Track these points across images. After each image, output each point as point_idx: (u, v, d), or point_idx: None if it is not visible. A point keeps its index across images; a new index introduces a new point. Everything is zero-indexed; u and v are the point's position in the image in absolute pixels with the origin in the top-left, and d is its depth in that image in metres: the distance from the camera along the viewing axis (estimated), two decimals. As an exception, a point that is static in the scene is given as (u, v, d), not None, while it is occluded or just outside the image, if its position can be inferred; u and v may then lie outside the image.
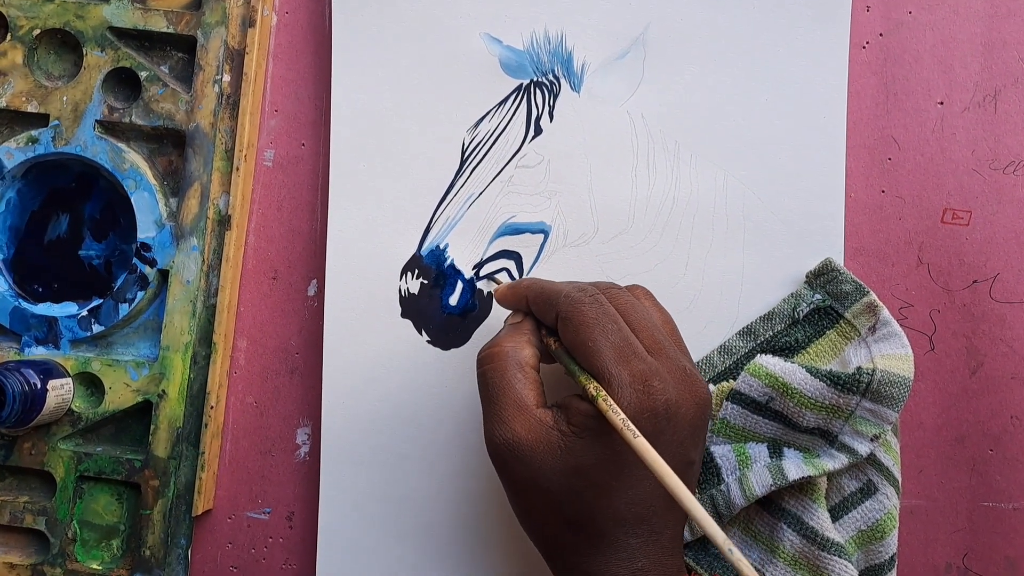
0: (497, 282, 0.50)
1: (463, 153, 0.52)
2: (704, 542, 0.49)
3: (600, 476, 0.39)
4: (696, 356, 0.50)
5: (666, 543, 0.40)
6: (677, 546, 0.41)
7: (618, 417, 0.37)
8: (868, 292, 0.48)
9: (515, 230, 0.51)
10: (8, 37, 0.52)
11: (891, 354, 0.47)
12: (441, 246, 0.51)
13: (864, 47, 0.51)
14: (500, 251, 0.51)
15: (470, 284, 0.51)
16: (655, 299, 0.44)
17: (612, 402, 0.38)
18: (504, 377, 0.41)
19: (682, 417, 0.39)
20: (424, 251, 0.51)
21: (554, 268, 0.51)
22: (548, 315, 0.42)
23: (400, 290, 0.51)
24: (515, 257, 0.51)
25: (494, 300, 0.51)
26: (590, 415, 0.39)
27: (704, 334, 0.50)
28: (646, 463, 0.36)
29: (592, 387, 0.39)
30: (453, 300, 0.51)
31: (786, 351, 0.49)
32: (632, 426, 0.37)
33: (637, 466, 0.39)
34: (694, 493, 0.40)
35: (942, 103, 0.51)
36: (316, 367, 0.52)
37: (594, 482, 0.39)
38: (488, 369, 0.42)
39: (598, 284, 0.43)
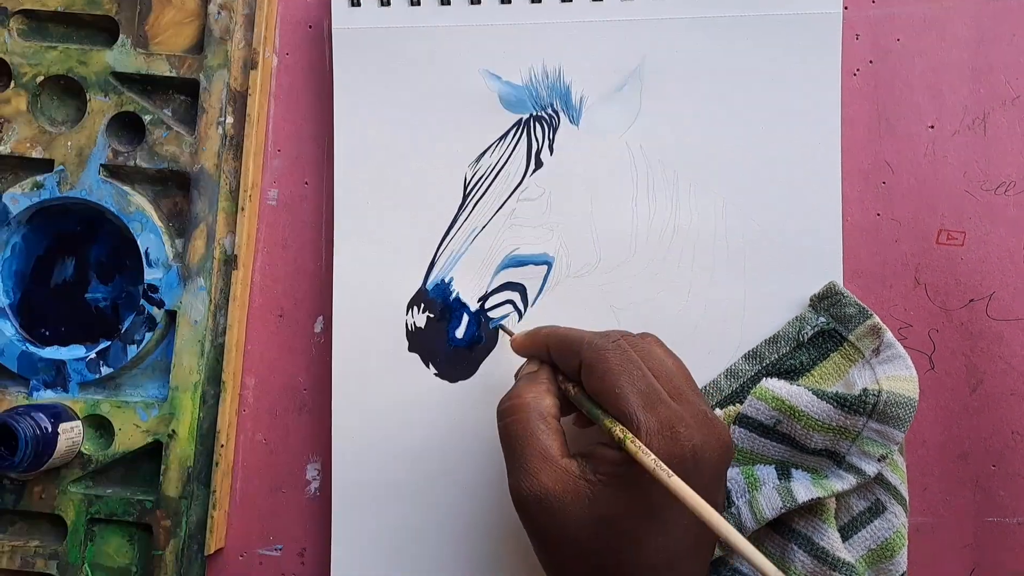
0: (508, 332, 0.50)
1: (465, 188, 0.52)
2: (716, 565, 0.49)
3: (629, 524, 0.38)
4: (703, 381, 0.50)
5: None
6: None
7: (649, 458, 0.37)
8: (871, 315, 0.49)
9: (519, 262, 0.52)
10: (12, 84, 0.52)
11: (896, 375, 0.47)
12: (446, 280, 0.52)
13: (855, 74, 0.52)
14: (505, 283, 0.51)
15: (476, 317, 0.51)
16: (666, 347, 0.44)
17: (640, 444, 0.37)
18: (527, 428, 0.41)
19: (707, 462, 0.39)
20: (429, 285, 0.52)
21: (558, 299, 0.51)
22: (570, 363, 0.42)
23: (407, 324, 0.52)
24: (520, 289, 0.51)
25: (499, 335, 0.51)
26: (617, 463, 0.38)
27: (708, 359, 0.50)
28: (684, 501, 0.36)
29: (619, 430, 0.38)
30: (459, 333, 0.51)
31: (791, 374, 0.49)
32: (664, 466, 0.37)
33: (665, 511, 0.38)
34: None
35: (933, 127, 0.52)
36: (324, 403, 0.52)
37: (623, 530, 0.38)
38: (511, 421, 0.42)
39: (614, 332, 0.42)
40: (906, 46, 0.52)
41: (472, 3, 0.52)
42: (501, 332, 0.51)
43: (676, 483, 0.36)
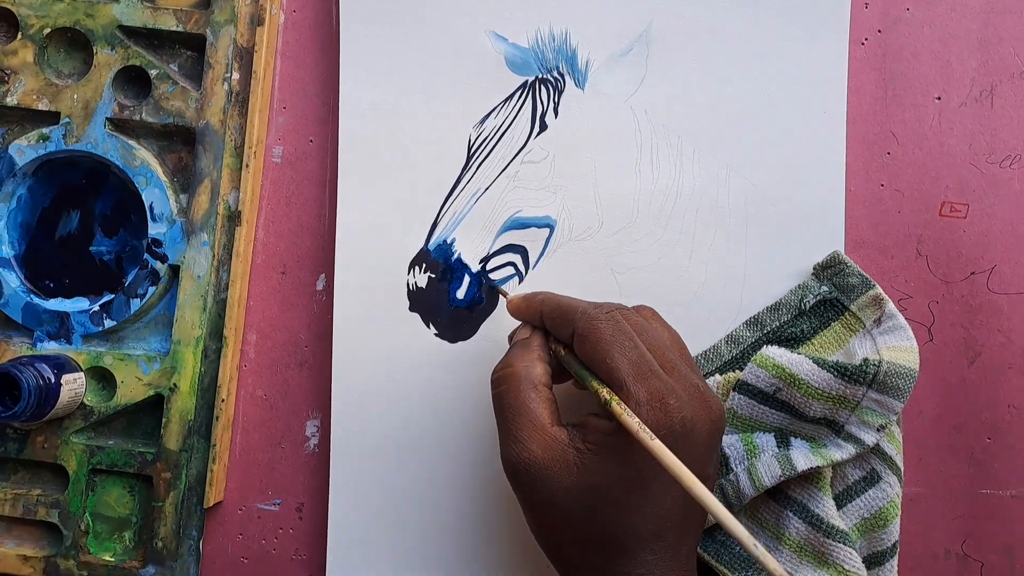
0: (504, 293, 0.50)
1: (469, 149, 0.52)
2: (718, 537, 0.49)
3: (617, 493, 0.38)
4: (702, 347, 0.50)
5: (682, 558, 0.40)
6: (692, 561, 0.41)
7: (633, 421, 0.37)
8: (874, 285, 0.48)
9: (521, 224, 0.51)
10: (19, 36, 0.51)
11: (897, 346, 0.47)
12: (448, 241, 0.51)
13: (863, 43, 0.51)
14: (506, 245, 0.51)
15: (477, 278, 0.51)
16: (662, 319, 0.44)
17: (626, 407, 0.37)
18: (519, 397, 0.41)
19: (697, 434, 0.39)
20: (431, 246, 0.52)
21: (560, 262, 0.51)
22: (564, 331, 0.42)
23: (408, 284, 0.51)
24: (521, 251, 0.51)
25: (500, 296, 0.51)
26: (607, 432, 0.39)
27: (708, 325, 0.50)
28: (664, 465, 0.36)
29: (605, 391, 0.38)
30: (460, 294, 0.51)
31: (792, 342, 0.49)
32: (647, 429, 0.37)
33: (655, 481, 0.39)
34: None
35: (940, 98, 0.51)
36: (325, 360, 0.52)
37: (612, 499, 0.39)
38: (503, 390, 0.42)
39: (609, 303, 0.42)
40: (915, 16, 0.51)
41: (480, -37, 0.52)
42: (499, 294, 0.51)
43: (658, 446, 0.36)
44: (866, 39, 0.51)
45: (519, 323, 0.47)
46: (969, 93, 0.51)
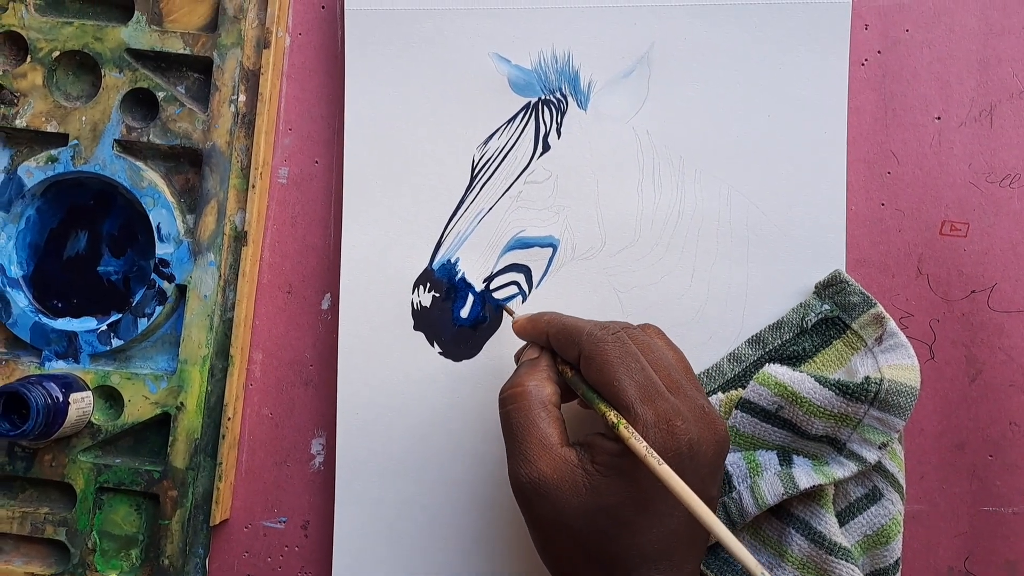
0: (510, 312, 0.50)
1: (473, 169, 0.52)
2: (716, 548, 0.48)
3: (625, 514, 0.38)
4: (704, 365, 0.50)
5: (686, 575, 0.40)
6: None
7: (641, 445, 0.36)
8: (875, 304, 0.48)
9: (524, 244, 0.51)
10: (28, 59, 0.52)
11: (898, 364, 0.46)
12: (452, 260, 0.51)
13: (863, 64, 0.51)
14: (510, 265, 0.51)
15: (481, 297, 0.51)
16: (668, 338, 0.43)
17: (634, 431, 0.37)
18: (528, 416, 0.40)
19: (703, 455, 0.39)
20: (436, 265, 0.51)
21: (563, 281, 0.51)
22: (570, 352, 0.42)
23: (412, 303, 0.51)
24: (524, 270, 0.51)
25: (504, 315, 0.51)
26: (615, 454, 0.38)
27: (710, 344, 0.50)
28: (671, 489, 0.36)
29: (612, 415, 0.38)
30: (464, 313, 0.51)
31: (793, 360, 0.49)
32: (655, 454, 0.36)
33: (661, 502, 0.38)
34: None
35: (939, 118, 0.51)
36: (330, 379, 0.52)
37: (619, 520, 0.38)
38: (512, 409, 0.41)
39: (614, 323, 0.42)
40: (915, 37, 0.51)
41: (484, -14, 0.52)
42: (504, 312, 0.51)
43: (665, 471, 0.36)
44: (866, 60, 0.51)
45: (523, 342, 0.47)
46: (968, 113, 0.51)
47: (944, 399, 0.50)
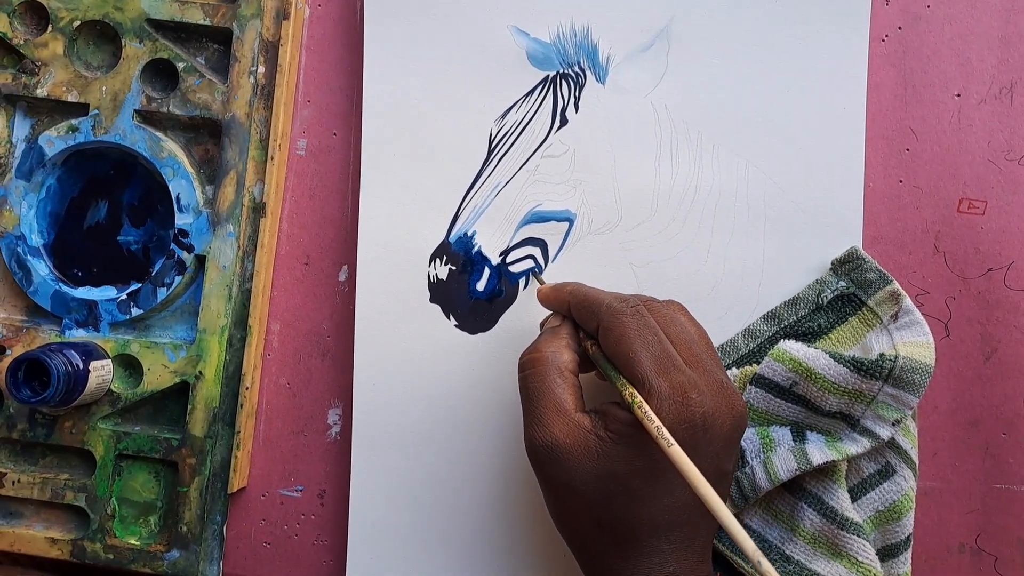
0: (540, 280, 0.50)
1: (490, 143, 0.51)
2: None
3: (635, 482, 0.38)
4: (719, 340, 0.50)
5: (697, 549, 0.40)
6: (707, 553, 0.41)
7: (653, 425, 0.37)
8: (891, 281, 0.48)
9: (541, 218, 0.51)
10: (49, 28, 0.51)
11: (913, 341, 0.46)
12: (469, 233, 0.51)
13: (883, 40, 0.51)
14: (526, 238, 0.51)
15: (497, 270, 0.51)
16: (690, 314, 0.43)
17: (648, 409, 0.37)
18: (544, 382, 0.41)
19: (718, 429, 0.39)
20: (452, 238, 0.51)
21: (579, 255, 0.51)
22: (589, 323, 0.42)
23: (429, 276, 0.51)
24: (541, 244, 0.51)
25: (519, 288, 0.51)
26: (627, 422, 0.38)
27: (725, 319, 0.50)
28: (679, 470, 0.36)
29: (628, 393, 0.38)
30: (480, 286, 0.51)
31: (809, 336, 0.49)
32: (667, 434, 0.36)
33: (672, 474, 0.38)
34: (726, 502, 0.40)
35: (959, 95, 0.51)
36: (347, 350, 0.52)
37: (629, 487, 0.38)
38: (529, 374, 0.42)
39: (637, 296, 0.42)
40: (936, 13, 0.51)
41: (503, -41, 0.51)
42: (531, 280, 0.51)
43: (675, 452, 0.36)
44: (886, 36, 0.51)
45: (549, 312, 0.47)
46: (989, 90, 0.50)
47: (959, 377, 0.50)
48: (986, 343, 0.50)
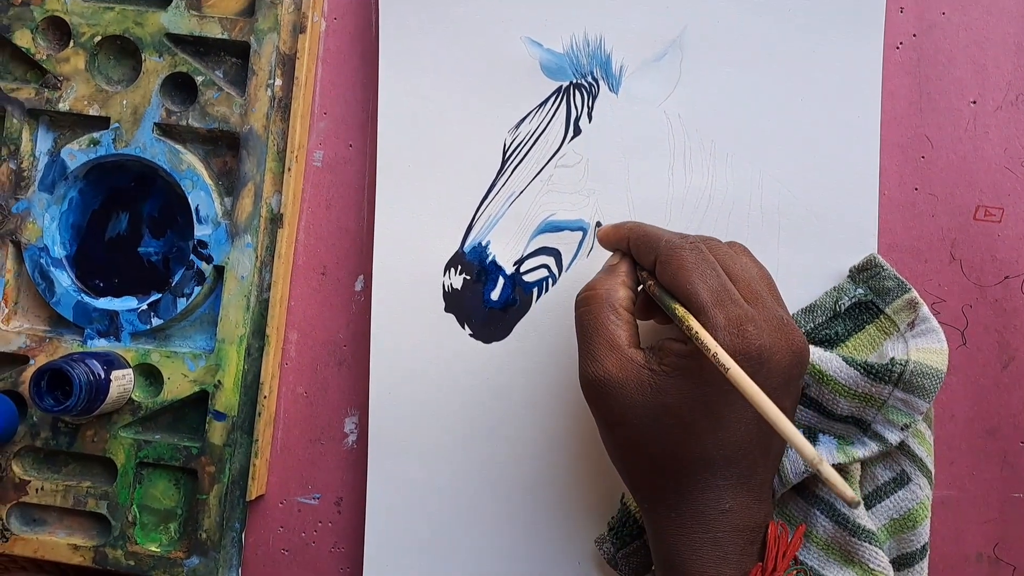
0: (597, 224, 0.49)
1: (504, 153, 0.51)
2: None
3: (689, 416, 0.38)
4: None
5: (755, 487, 0.40)
6: (766, 493, 0.41)
7: (710, 353, 0.36)
8: (909, 289, 0.47)
9: (555, 228, 0.51)
10: (71, 44, 0.52)
11: (926, 347, 0.46)
12: (483, 243, 0.51)
13: (898, 47, 0.50)
14: (540, 248, 0.51)
15: (511, 280, 0.51)
16: (753, 255, 0.43)
17: (706, 336, 0.37)
18: (598, 318, 0.41)
19: (776, 364, 0.38)
20: (467, 248, 0.51)
21: (593, 264, 0.50)
22: (647, 258, 0.42)
23: (444, 286, 0.51)
24: (555, 254, 0.51)
25: (533, 298, 0.51)
26: (682, 354, 0.38)
27: (739, 328, 0.50)
28: (740, 390, 0.36)
29: (685, 325, 0.38)
30: (495, 295, 0.51)
31: (826, 343, 0.48)
32: (725, 357, 0.36)
33: (727, 407, 0.38)
34: None
35: (975, 102, 0.50)
36: (363, 359, 0.52)
37: (683, 421, 0.39)
38: (584, 311, 0.42)
39: (699, 236, 0.42)
40: (951, 20, 0.50)
41: (516, -29, 0.51)
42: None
43: (736, 374, 0.36)
44: (901, 43, 0.50)
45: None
46: (1005, 97, 0.50)
47: (976, 385, 0.50)
48: (1003, 351, 0.49)
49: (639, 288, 0.44)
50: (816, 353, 0.46)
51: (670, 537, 0.40)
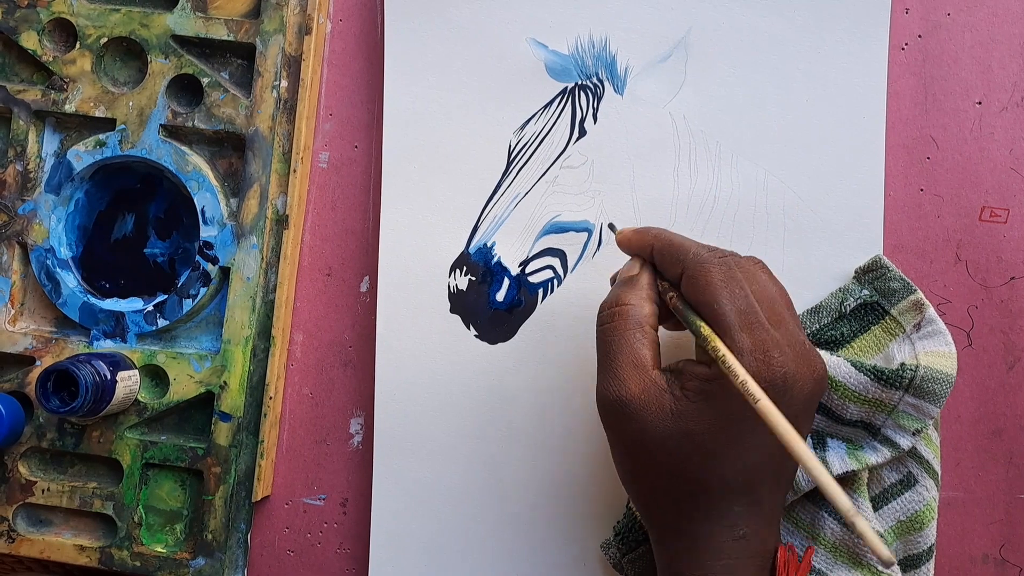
0: (613, 228, 0.48)
1: (510, 154, 0.51)
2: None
3: (710, 442, 0.38)
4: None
5: (767, 513, 0.39)
6: (776, 518, 0.40)
7: (738, 380, 0.36)
8: (915, 290, 0.47)
9: (560, 229, 0.51)
10: (77, 46, 0.52)
11: (935, 351, 0.46)
12: (488, 244, 0.51)
13: (903, 48, 0.50)
14: (545, 249, 0.51)
15: (516, 281, 0.51)
16: (771, 272, 0.42)
17: (734, 362, 0.36)
18: (624, 335, 0.40)
19: (798, 391, 0.38)
20: (472, 249, 0.51)
21: (598, 265, 0.50)
22: (672, 269, 0.41)
23: (449, 287, 0.51)
24: (560, 255, 0.51)
25: (539, 299, 0.51)
26: (705, 379, 0.38)
27: (745, 329, 0.50)
28: (770, 425, 0.34)
29: (712, 347, 0.37)
30: (500, 296, 0.51)
31: (831, 345, 0.48)
32: (754, 387, 0.35)
33: (749, 433, 0.38)
34: None
35: (980, 103, 0.50)
36: (368, 360, 0.52)
37: (703, 447, 0.38)
38: (609, 327, 0.41)
39: (721, 249, 0.41)
40: (956, 20, 0.50)
41: (521, -28, 0.51)
42: (607, 230, 0.50)
43: (765, 406, 0.35)
44: (906, 44, 0.50)
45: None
46: (1011, 98, 0.50)
47: (981, 386, 0.49)
48: (1009, 352, 0.49)
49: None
50: (824, 358, 0.45)
51: (682, 565, 0.39)
